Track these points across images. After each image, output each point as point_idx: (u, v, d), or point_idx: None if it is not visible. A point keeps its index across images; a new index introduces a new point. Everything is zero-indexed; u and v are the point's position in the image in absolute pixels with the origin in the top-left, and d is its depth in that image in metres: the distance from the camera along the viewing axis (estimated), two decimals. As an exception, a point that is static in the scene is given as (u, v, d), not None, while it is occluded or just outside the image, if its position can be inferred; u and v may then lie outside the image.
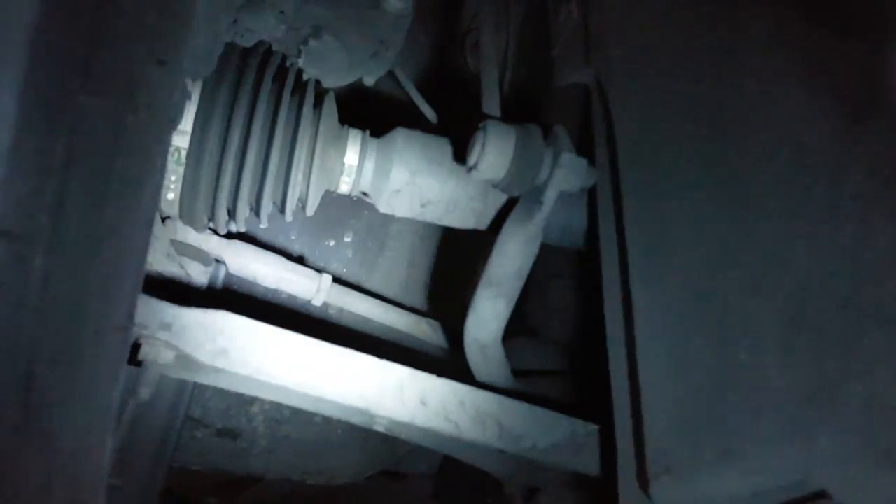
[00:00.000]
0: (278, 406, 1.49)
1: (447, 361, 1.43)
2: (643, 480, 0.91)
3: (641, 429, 0.92)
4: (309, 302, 1.40)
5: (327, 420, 1.52)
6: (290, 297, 1.42)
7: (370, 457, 1.57)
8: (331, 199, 1.54)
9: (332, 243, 1.55)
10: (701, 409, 0.85)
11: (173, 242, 1.25)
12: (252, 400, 1.48)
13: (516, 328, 1.42)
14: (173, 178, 1.04)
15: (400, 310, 1.48)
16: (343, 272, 1.54)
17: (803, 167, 0.80)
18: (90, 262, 0.57)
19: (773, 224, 0.81)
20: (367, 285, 1.54)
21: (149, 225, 0.63)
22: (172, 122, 0.63)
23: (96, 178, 0.55)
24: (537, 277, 1.39)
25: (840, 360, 0.70)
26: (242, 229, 1.21)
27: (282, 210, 1.13)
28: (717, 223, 0.90)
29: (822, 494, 0.75)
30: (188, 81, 1.00)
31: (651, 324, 0.96)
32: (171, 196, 1.06)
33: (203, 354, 1.01)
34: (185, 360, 1.04)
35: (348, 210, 1.56)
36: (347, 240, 1.56)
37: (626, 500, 0.97)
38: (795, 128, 0.82)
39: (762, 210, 0.83)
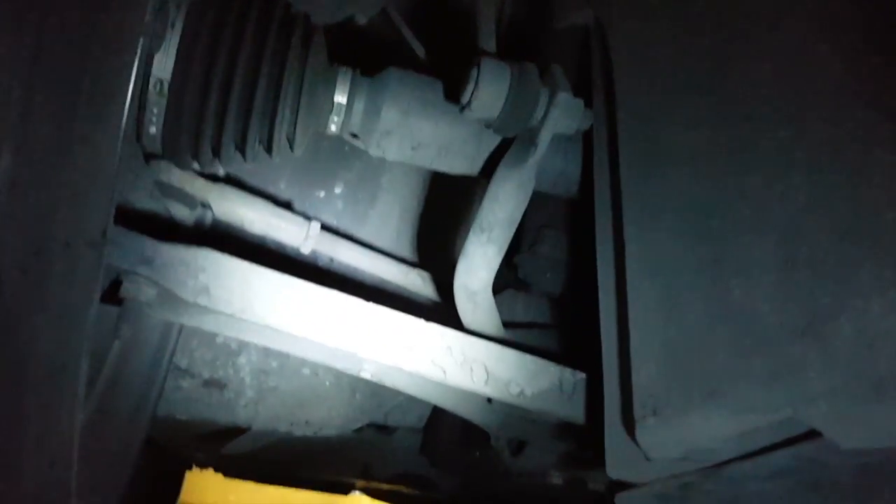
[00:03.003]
0: (265, 357, 1.48)
1: (436, 310, 1.41)
2: (629, 424, 0.90)
3: (629, 371, 0.91)
4: (297, 250, 1.38)
5: (315, 372, 1.51)
6: (279, 245, 1.40)
7: (358, 409, 1.56)
8: (320, 149, 1.51)
9: (322, 194, 1.52)
10: (690, 349, 0.84)
11: (157, 184, 1.22)
12: (239, 350, 1.47)
13: (508, 280, 1.41)
14: (155, 110, 1.01)
15: (390, 259, 1.46)
16: (333, 224, 1.51)
17: (802, 103, 0.78)
18: (60, 167, 0.55)
19: (771, 161, 0.79)
20: (357, 237, 1.52)
21: (122, 137, 0.60)
22: (148, 29, 0.60)
23: (66, 78, 0.53)
24: (530, 227, 1.38)
25: (833, 294, 0.68)
26: (228, 169, 1.18)
27: (268, 149, 1.11)
28: (715, 163, 0.88)
29: (811, 433, 0.74)
30: (171, 7, 0.97)
31: (642, 265, 0.94)
32: (153, 130, 1.03)
33: (185, 291, 0.99)
34: (166, 297, 1.02)
35: (339, 161, 1.53)
36: (338, 191, 1.54)
37: (612, 445, 0.96)
38: (796, 64, 0.80)
39: (761, 148, 0.82)
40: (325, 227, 1.42)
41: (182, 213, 1.27)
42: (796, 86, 0.78)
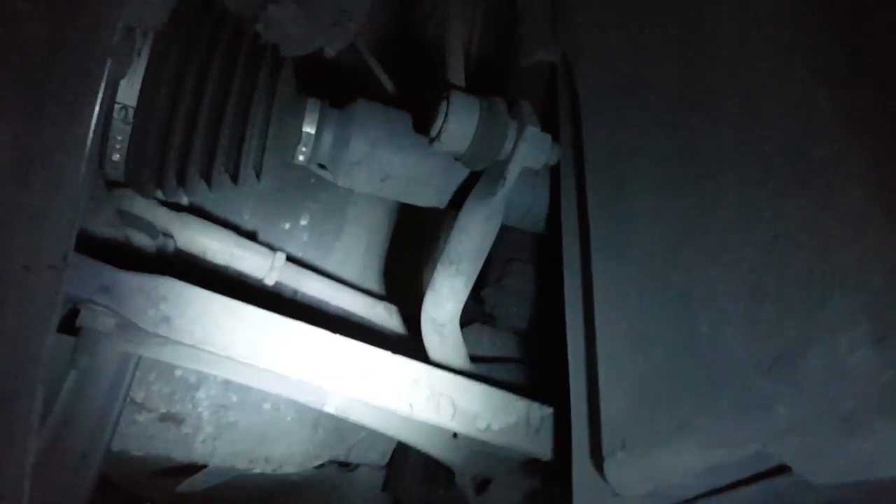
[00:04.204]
0: (225, 391, 1.44)
1: (402, 343, 1.40)
2: (597, 459, 0.89)
3: (597, 405, 0.90)
4: (261, 281, 1.36)
5: (276, 406, 1.47)
6: (243, 276, 1.37)
7: (319, 445, 1.53)
8: (286, 181, 1.50)
9: (287, 226, 1.51)
10: (659, 383, 0.83)
11: (118, 212, 1.20)
12: (198, 384, 1.43)
13: (474, 314, 1.40)
14: (119, 137, 0.99)
15: (356, 292, 1.44)
16: (298, 256, 1.50)
17: (768, 138, 0.79)
18: (20, 188, 0.53)
19: (737, 194, 0.80)
20: (323, 269, 1.50)
21: (86, 158, 0.59)
22: (117, 50, 0.59)
23: (29, 95, 0.51)
24: (497, 261, 1.37)
25: (801, 328, 0.68)
26: (192, 197, 1.16)
27: (234, 177, 1.09)
28: (681, 197, 0.89)
29: (781, 469, 0.73)
30: (138, 34, 0.96)
31: (610, 299, 0.94)
32: (116, 157, 1.01)
33: (145, 321, 0.97)
34: (125, 327, 0.99)
35: (305, 192, 1.52)
36: (303, 223, 1.53)
37: (580, 481, 0.95)
38: (761, 99, 0.82)
39: (727, 181, 0.83)
40: (290, 259, 1.41)
41: (143, 241, 1.24)
42: (762, 121, 0.80)
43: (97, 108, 0.57)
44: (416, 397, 1.06)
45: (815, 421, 0.65)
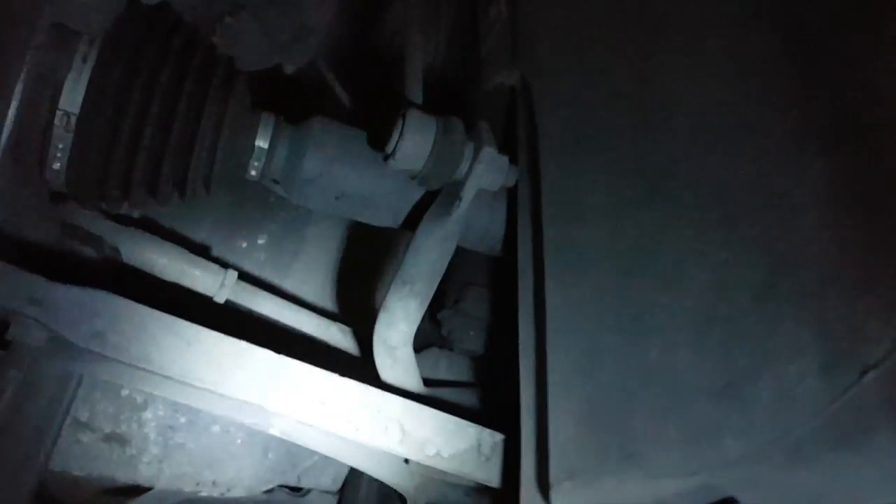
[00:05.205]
0: (174, 412, 1.40)
1: (355, 365, 1.37)
2: (544, 487, 0.86)
3: (546, 433, 0.88)
4: (211, 300, 1.32)
5: (225, 429, 1.43)
6: (192, 294, 1.34)
7: (269, 469, 1.49)
8: (245, 199, 1.48)
9: (244, 245, 1.49)
10: (608, 410, 0.81)
11: (63, 225, 1.16)
12: (145, 404, 1.39)
13: (431, 337, 1.38)
14: (60, 145, 0.95)
15: (309, 312, 1.41)
16: (255, 275, 1.47)
17: (722, 161, 0.78)
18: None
19: (690, 218, 0.79)
20: (280, 289, 1.47)
21: (9, 157, 0.55)
22: (41, 44, 0.56)
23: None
24: (454, 285, 1.35)
25: (751, 355, 0.67)
26: (139, 210, 1.12)
27: (182, 191, 1.06)
28: (636, 221, 0.88)
29: (728, 501, 0.71)
30: (83, 38, 0.93)
31: (562, 325, 0.92)
32: (57, 166, 0.97)
33: (76, 336, 0.93)
34: (58, 342, 0.95)
35: (263, 211, 1.50)
36: (261, 242, 1.50)
37: (527, 510, 0.92)
38: (716, 123, 0.81)
39: (681, 205, 0.82)
40: (247, 278, 1.37)
41: (88, 255, 1.20)
42: (716, 145, 0.79)
43: (16, 103, 0.54)
44: (363, 421, 1.03)
45: (763, 451, 0.64)
